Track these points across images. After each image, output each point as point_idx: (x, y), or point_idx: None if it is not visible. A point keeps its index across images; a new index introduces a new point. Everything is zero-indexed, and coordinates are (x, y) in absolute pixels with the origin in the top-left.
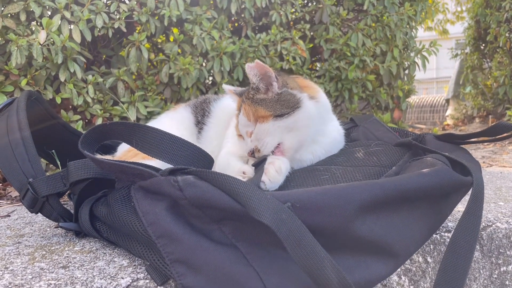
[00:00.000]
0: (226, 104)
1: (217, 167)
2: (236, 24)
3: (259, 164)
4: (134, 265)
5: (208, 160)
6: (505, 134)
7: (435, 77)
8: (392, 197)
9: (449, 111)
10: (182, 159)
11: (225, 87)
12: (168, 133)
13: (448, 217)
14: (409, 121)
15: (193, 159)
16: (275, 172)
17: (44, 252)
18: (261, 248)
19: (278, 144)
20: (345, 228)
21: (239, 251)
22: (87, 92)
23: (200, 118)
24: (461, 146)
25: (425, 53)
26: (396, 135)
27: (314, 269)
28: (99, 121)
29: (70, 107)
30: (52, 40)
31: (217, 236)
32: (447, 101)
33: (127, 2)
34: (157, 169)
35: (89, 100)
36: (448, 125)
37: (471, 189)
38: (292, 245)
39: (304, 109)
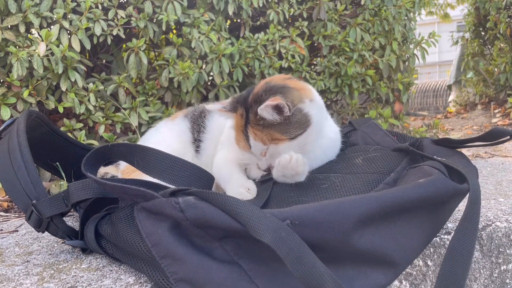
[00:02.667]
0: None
1: (217, 176)
2: (235, 20)
3: (264, 183)
4: (140, 282)
5: (208, 179)
6: (500, 140)
7: (438, 61)
8: (389, 210)
9: (451, 97)
10: (182, 179)
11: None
12: (168, 154)
13: None
14: (411, 108)
15: (193, 179)
16: (303, 161)
17: (52, 271)
18: (263, 264)
19: None
20: (344, 242)
21: (241, 268)
22: (88, 100)
23: (196, 135)
24: (458, 150)
25: (424, 45)
26: (394, 139)
27: (314, 284)
28: (101, 128)
29: (73, 113)
30: (51, 50)
31: (219, 254)
32: (449, 87)
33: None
34: (158, 187)
35: (91, 108)
36: (450, 112)
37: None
38: (293, 262)
39: (314, 124)
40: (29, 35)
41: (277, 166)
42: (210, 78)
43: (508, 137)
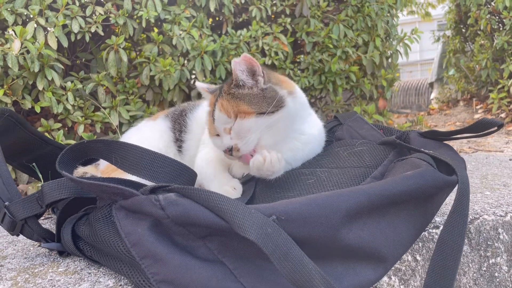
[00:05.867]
0: (201, 114)
1: (200, 175)
2: (217, 18)
3: (247, 182)
4: (120, 285)
5: (190, 175)
6: (487, 131)
7: (419, 59)
8: (377, 203)
9: (433, 95)
10: (163, 176)
11: (198, 84)
12: (148, 149)
13: None
14: (394, 106)
15: (175, 175)
16: (277, 159)
17: (27, 276)
18: (249, 262)
19: None
20: (332, 237)
21: (226, 267)
22: (66, 99)
23: (178, 135)
24: (445, 142)
25: (407, 41)
26: (380, 132)
27: (302, 281)
28: (80, 128)
29: (51, 113)
30: (27, 48)
31: (203, 253)
32: (431, 84)
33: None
34: (139, 186)
35: (69, 107)
36: (433, 109)
37: (456, 186)
38: (279, 259)
39: (287, 108)
40: (5, 34)
41: (251, 167)
42: (193, 76)
43: (496, 127)
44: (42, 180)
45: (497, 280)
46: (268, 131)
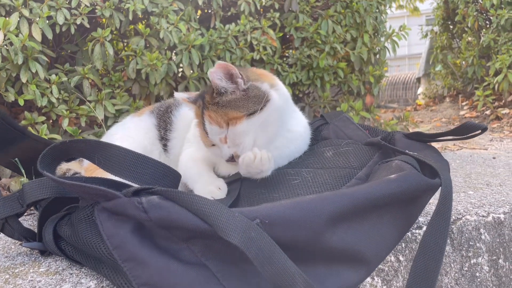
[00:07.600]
0: (187, 112)
1: (185, 175)
2: (206, 11)
3: (232, 183)
4: (102, 286)
5: (174, 177)
6: (471, 134)
7: (407, 53)
8: (361, 206)
9: (420, 90)
10: (146, 178)
11: (177, 95)
12: (131, 150)
13: None
14: (382, 100)
15: (158, 177)
16: (267, 158)
17: (7, 276)
18: (232, 265)
19: None
20: (315, 241)
21: (209, 270)
22: (51, 92)
23: (163, 133)
24: (429, 144)
25: (395, 38)
26: (366, 133)
27: (285, 285)
28: (65, 122)
29: (35, 106)
30: (10, 40)
31: (186, 256)
32: (418, 80)
33: None
34: (122, 186)
35: (54, 100)
36: (419, 105)
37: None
38: (262, 263)
39: (273, 102)
40: None
41: (241, 164)
42: (180, 70)
43: (480, 131)
44: (25, 176)
45: (478, 280)
46: (261, 130)
